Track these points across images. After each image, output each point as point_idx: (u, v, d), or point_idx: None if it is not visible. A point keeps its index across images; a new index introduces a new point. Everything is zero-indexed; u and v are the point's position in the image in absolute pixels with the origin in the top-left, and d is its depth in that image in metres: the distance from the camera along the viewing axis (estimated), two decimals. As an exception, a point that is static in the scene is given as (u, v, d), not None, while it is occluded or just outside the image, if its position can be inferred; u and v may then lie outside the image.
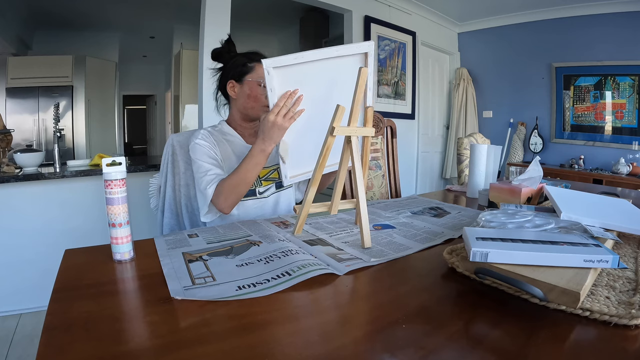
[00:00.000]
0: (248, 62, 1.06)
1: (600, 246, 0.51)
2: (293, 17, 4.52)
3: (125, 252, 0.61)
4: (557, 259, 0.48)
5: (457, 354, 0.37)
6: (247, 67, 1.06)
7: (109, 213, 0.60)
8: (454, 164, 3.45)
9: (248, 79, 1.04)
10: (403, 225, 0.84)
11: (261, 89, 1.03)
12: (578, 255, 0.48)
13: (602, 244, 0.52)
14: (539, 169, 0.99)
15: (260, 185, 1.07)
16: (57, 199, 1.93)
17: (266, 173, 1.09)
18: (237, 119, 1.10)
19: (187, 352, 0.36)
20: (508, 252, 0.49)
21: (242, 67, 1.06)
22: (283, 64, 0.76)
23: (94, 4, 3.93)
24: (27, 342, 1.63)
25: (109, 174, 0.59)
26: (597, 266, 0.48)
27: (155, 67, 6.35)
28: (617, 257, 0.48)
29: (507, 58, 4.12)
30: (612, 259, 0.48)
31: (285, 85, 0.80)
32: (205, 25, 2.41)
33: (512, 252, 0.49)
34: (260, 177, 1.07)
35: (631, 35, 3.27)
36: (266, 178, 1.09)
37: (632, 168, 3.24)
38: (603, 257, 0.48)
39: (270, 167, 1.09)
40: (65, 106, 4.41)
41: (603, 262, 0.48)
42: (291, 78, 0.79)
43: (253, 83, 1.04)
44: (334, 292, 0.52)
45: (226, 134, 1.09)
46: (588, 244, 0.52)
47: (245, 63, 1.06)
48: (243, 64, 1.06)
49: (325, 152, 0.72)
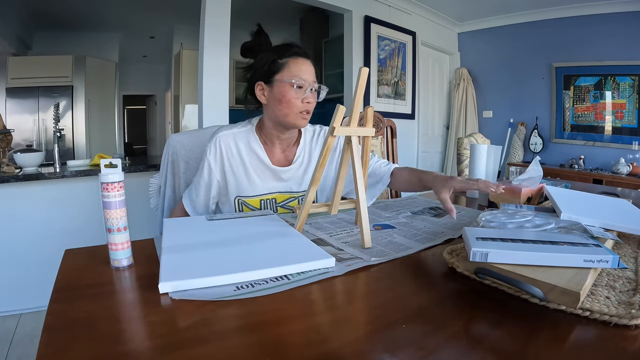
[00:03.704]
0: (278, 58, 0.89)
1: (600, 246, 0.51)
2: (293, 17, 4.52)
3: (123, 259, 0.57)
4: (557, 259, 0.48)
5: (457, 354, 0.37)
6: (276, 65, 0.89)
7: (106, 218, 0.56)
8: (454, 164, 3.45)
9: (278, 79, 0.88)
10: (403, 225, 0.84)
11: (295, 91, 0.87)
12: (578, 255, 0.48)
13: (602, 244, 0.52)
14: (539, 169, 0.99)
15: (275, 212, 0.98)
16: (57, 199, 1.94)
17: (284, 199, 1.00)
18: (268, 127, 0.95)
19: (187, 352, 0.36)
20: (508, 252, 0.49)
21: (270, 65, 0.89)
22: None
23: (94, 4, 3.93)
24: (27, 342, 1.63)
25: (106, 177, 0.55)
26: (597, 266, 0.48)
27: (155, 67, 6.34)
28: (617, 257, 0.48)
29: (507, 58, 4.12)
30: (612, 259, 0.48)
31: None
32: (205, 25, 2.41)
33: (512, 252, 0.49)
34: (278, 202, 0.99)
35: (631, 35, 3.27)
36: (283, 205, 1.00)
37: (632, 168, 3.24)
38: (603, 257, 0.48)
39: (289, 193, 1.00)
40: (65, 106, 4.40)
41: (603, 262, 0.48)
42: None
43: (285, 84, 0.87)
44: (334, 291, 0.52)
45: (251, 142, 0.96)
46: (588, 244, 0.52)
47: (274, 59, 0.89)
48: (271, 60, 0.89)
49: (326, 152, 0.72)
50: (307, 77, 0.89)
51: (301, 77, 0.88)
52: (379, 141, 1.60)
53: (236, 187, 0.97)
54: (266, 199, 0.99)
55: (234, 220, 0.82)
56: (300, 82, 0.88)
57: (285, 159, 1.01)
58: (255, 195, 0.98)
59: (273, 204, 0.99)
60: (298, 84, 0.88)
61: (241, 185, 0.97)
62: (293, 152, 1.02)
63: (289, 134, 0.97)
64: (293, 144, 1.03)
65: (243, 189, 0.97)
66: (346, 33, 3.36)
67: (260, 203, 0.98)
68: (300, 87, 0.89)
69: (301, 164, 1.02)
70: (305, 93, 0.89)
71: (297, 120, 0.90)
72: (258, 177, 0.97)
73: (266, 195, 0.99)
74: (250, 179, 0.96)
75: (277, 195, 1.00)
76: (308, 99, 0.89)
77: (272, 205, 0.99)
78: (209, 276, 0.51)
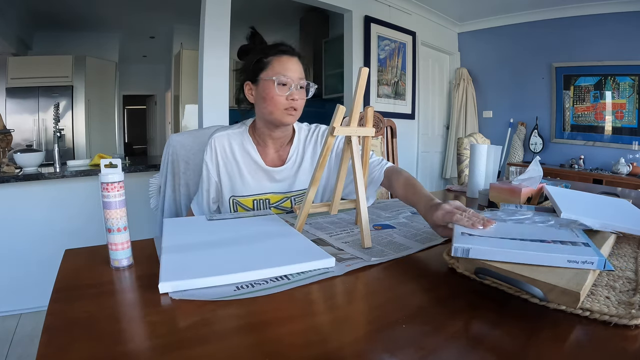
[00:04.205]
0: (263, 57, 0.91)
1: (589, 246, 0.50)
2: (293, 17, 4.53)
3: (123, 259, 0.57)
4: (540, 258, 0.47)
5: (457, 354, 0.37)
6: (261, 64, 0.90)
7: (106, 218, 0.56)
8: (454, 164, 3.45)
9: (262, 78, 0.90)
10: (403, 225, 0.84)
11: (279, 89, 0.88)
12: (562, 256, 0.47)
13: (592, 244, 0.51)
14: (539, 169, 0.99)
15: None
16: (57, 199, 1.94)
17: (278, 200, 1.00)
18: (260, 126, 0.97)
19: (187, 352, 0.36)
20: (489, 249, 0.48)
21: (255, 65, 0.91)
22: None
23: (94, 5, 3.93)
24: (27, 342, 1.63)
25: (106, 177, 0.55)
26: (581, 267, 0.46)
27: (155, 67, 6.35)
28: (604, 259, 0.46)
29: (507, 58, 4.12)
30: (598, 261, 0.46)
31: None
32: (205, 25, 2.41)
33: (494, 249, 0.48)
34: (271, 203, 1.00)
35: (631, 35, 3.27)
36: (277, 206, 1.01)
37: (632, 168, 3.24)
38: (588, 258, 0.46)
39: (283, 193, 1.01)
40: (65, 106, 4.41)
41: (588, 264, 0.46)
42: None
43: (268, 82, 0.88)
44: (334, 291, 0.52)
45: (245, 143, 0.98)
46: (577, 242, 0.51)
47: (259, 59, 0.91)
48: (257, 60, 0.91)
49: (326, 153, 0.72)
50: (291, 74, 0.90)
51: (284, 74, 0.89)
52: (379, 141, 1.60)
53: (230, 187, 0.98)
54: (259, 199, 0.99)
55: (234, 220, 0.82)
56: (284, 80, 0.88)
57: (278, 159, 1.01)
58: (249, 195, 0.99)
59: (266, 204, 1.00)
60: (281, 82, 0.88)
61: (235, 185, 0.98)
62: (286, 151, 1.02)
63: (280, 132, 0.97)
64: (287, 144, 1.03)
65: (237, 189, 0.98)
66: (346, 33, 3.36)
67: (253, 203, 0.99)
68: (284, 84, 0.89)
69: (294, 163, 1.02)
70: (290, 90, 0.89)
71: (282, 117, 0.90)
72: (251, 177, 0.98)
73: (259, 196, 0.99)
74: (243, 179, 0.97)
75: (270, 195, 1.00)
76: (293, 96, 0.90)
77: (266, 205, 1.00)
78: (209, 276, 0.51)
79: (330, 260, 0.58)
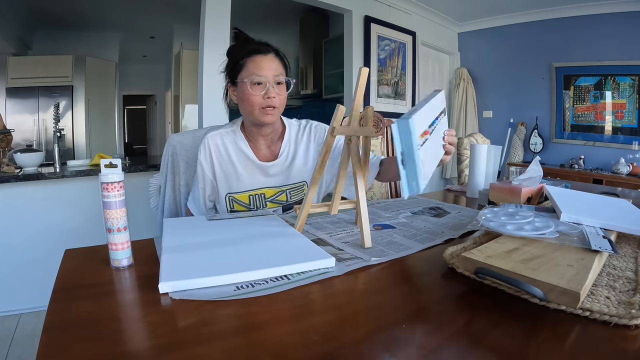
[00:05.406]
0: (239, 60, 0.91)
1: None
2: (293, 17, 4.52)
3: (123, 259, 0.58)
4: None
5: (457, 354, 0.37)
6: (237, 66, 0.91)
7: (106, 218, 0.56)
8: (454, 164, 3.45)
9: (239, 80, 0.91)
10: (403, 225, 0.84)
11: (254, 89, 0.89)
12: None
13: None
14: (539, 169, 0.99)
15: (264, 206, 1.00)
16: (57, 199, 1.94)
17: (273, 194, 1.02)
18: (247, 124, 0.99)
19: (187, 352, 0.36)
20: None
21: (232, 68, 0.93)
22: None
23: (94, 4, 3.93)
24: (27, 342, 1.63)
25: (106, 177, 0.56)
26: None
27: (155, 67, 6.34)
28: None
29: (507, 58, 4.12)
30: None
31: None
32: (205, 25, 2.41)
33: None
34: (266, 197, 1.01)
35: (631, 35, 3.27)
36: (272, 200, 1.02)
37: (632, 168, 3.24)
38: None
39: (277, 187, 1.02)
40: (65, 106, 4.40)
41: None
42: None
43: (244, 84, 0.89)
44: (334, 291, 0.52)
45: (237, 141, 1.00)
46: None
47: (236, 61, 0.92)
48: (234, 62, 0.92)
49: (326, 153, 0.72)
50: (265, 72, 0.89)
51: (258, 73, 0.89)
52: (379, 141, 1.60)
53: (226, 185, 1.00)
54: (255, 194, 1.01)
55: (234, 220, 0.82)
56: (257, 79, 0.89)
57: (271, 154, 1.03)
58: (244, 191, 1.00)
59: (262, 199, 1.01)
60: (255, 81, 0.88)
61: (231, 182, 0.99)
62: (278, 146, 1.04)
63: (267, 129, 0.98)
64: (277, 139, 1.04)
65: (232, 186, 1.00)
66: (346, 33, 3.35)
67: (249, 198, 1.01)
68: (258, 83, 0.89)
69: (286, 158, 1.03)
70: (266, 88, 0.90)
71: (260, 116, 0.91)
72: (246, 173, 0.99)
73: (255, 191, 1.01)
74: (238, 176, 0.99)
75: (265, 190, 1.02)
76: (268, 94, 0.90)
77: (262, 200, 1.01)
78: (209, 276, 0.51)
79: (330, 260, 0.58)
